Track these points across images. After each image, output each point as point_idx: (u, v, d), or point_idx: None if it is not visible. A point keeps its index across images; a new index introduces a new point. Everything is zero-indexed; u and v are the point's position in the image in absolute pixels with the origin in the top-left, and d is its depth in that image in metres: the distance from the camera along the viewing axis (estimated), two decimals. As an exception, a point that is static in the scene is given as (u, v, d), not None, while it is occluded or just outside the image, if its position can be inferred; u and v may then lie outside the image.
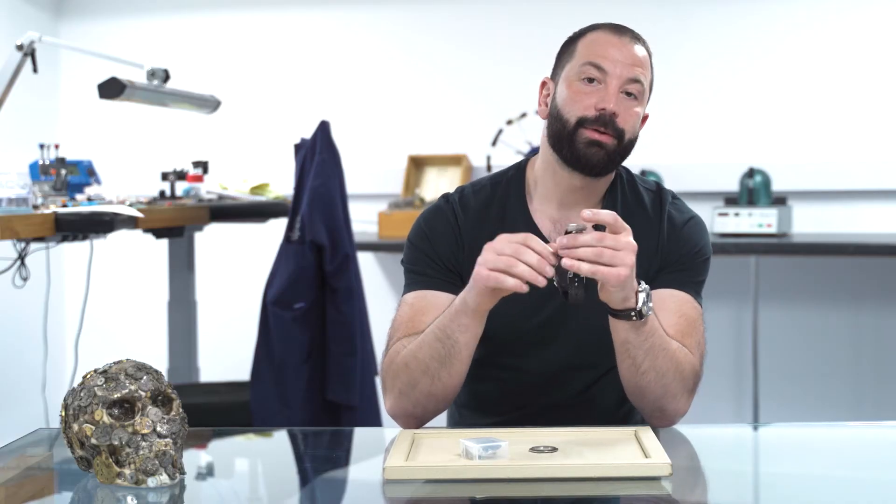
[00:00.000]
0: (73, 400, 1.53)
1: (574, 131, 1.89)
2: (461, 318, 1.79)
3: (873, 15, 4.31)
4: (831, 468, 1.71)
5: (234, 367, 4.34)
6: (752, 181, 4.19)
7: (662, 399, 1.85)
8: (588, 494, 1.53)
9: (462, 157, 4.63)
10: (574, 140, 1.89)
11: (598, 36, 1.93)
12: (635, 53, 1.91)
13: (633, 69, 1.90)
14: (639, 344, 1.79)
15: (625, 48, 1.91)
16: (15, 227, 2.88)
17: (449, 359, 1.82)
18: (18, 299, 3.94)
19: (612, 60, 1.89)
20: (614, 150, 1.90)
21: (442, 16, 4.74)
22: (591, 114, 1.88)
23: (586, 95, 1.89)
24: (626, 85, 1.89)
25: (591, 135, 1.88)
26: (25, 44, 3.35)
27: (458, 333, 1.80)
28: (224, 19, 4.97)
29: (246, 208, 3.90)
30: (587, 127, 1.88)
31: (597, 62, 1.90)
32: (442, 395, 1.86)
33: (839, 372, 4.38)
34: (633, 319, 1.75)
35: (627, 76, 1.89)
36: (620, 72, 1.89)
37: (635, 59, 1.91)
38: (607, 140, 1.88)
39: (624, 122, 1.89)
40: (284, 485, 1.70)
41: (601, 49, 1.91)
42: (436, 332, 1.82)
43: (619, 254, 1.67)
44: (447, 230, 1.99)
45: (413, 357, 1.84)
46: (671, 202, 2.02)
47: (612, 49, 1.90)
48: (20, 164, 3.66)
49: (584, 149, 1.89)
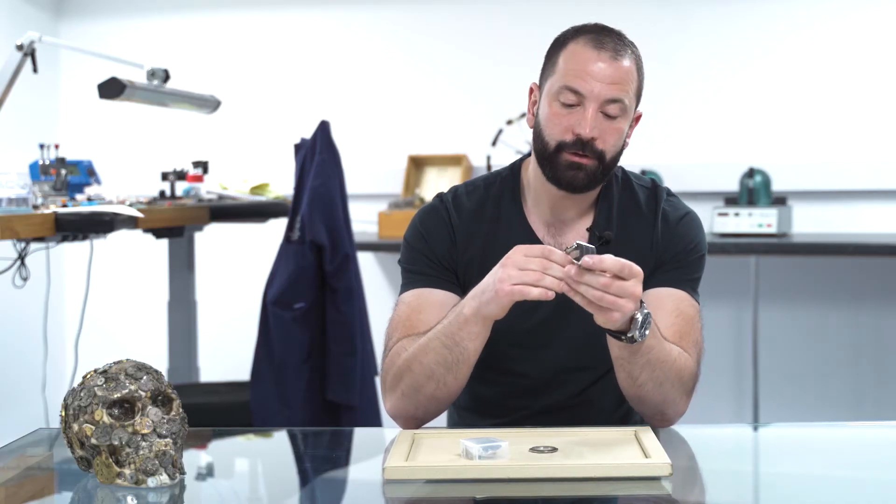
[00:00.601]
0: (73, 400, 1.53)
1: (554, 154, 1.89)
2: (471, 327, 1.79)
3: (873, 15, 4.31)
4: (831, 468, 1.71)
5: (234, 367, 4.34)
6: (752, 181, 4.19)
7: (662, 405, 1.85)
8: (588, 494, 1.53)
9: (462, 157, 4.63)
10: (555, 162, 1.89)
11: (577, 50, 1.88)
12: (614, 71, 1.86)
13: (611, 89, 1.86)
14: (633, 360, 1.79)
15: (603, 66, 1.86)
16: (15, 227, 2.88)
17: (457, 365, 1.82)
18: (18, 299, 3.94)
19: (590, 83, 1.85)
20: (595, 171, 1.89)
21: (442, 16, 4.74)
22: (568, 138, 1.87)
23: (564, 118, 1.88)
24: (605, 106, 1.87)
25: (571, 158, 1.88)
26: (25, 44, 3.35)
27: (468, 342, 1.80)
28: (224, 19, 4.97)
29: (246, 208, 3.90)
30: (566, 151, 1.88)
31: (573, 86, 1.86)
32: (445, 398, 1.87)
33: (839, 372, 4.38)
34: (623, 341, 1.75)
35: (605, 97, 1.86)
36: (598, 93, 1.85)
37: (614, 78, 1.86)
38: (587, 162, 1.88)
39: (603, 143, 1.88)
40: (284, 485, 1.70)
41: (579, 68, 1.86)
42: (442, 340, 1.82)
43: (619, 301, 1.65)
44: (442, 229, 1.99)
45: (417, 362, 1.84)
46: (666, 199, 2.01)
47: (591, 68, 1.86)
48: (20, 164, 3.66)
49: (565, 171, 1.89)
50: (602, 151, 1.88)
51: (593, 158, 1.88)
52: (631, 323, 1.72)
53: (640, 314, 1.72)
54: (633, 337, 1.73)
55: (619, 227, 1.97)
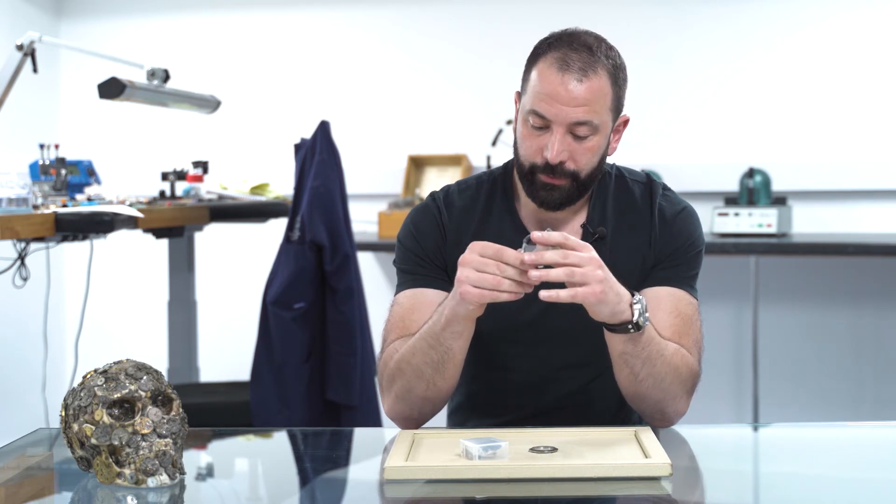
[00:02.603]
0: (73, 400, 1.53)
1: (529, 174, 1.90)
2: (453, 327, 1.79)
3: (873, 15, 4.31)
4: (831, 468, 1.71)
5: (234, 367, 4.34)
6: (752, 181, 4.19)
7: (662, 402, 1.85)
8: (588, 494, 1.53)
9: (462, 157, 4.63)
10: (530, 182, 1.90)
11: (544, 70, 1.85)
12: (580, 93, 1.83)
13: (576, 112, 1.84)
14: (636, 354, 1.79)
15: (568, 90, 1.83)
16: (15, 227, 2.88)
17: (443, 364, 1.83)
18: (18, 299, 3.94)
19: (554, 107, 1.84)
20: (570, 190, 1.89)
21: (442, 16, 4.74)
22: (539, 160, 1.88)
23: (535, 140, 1.87)
24: (573, 128, 1.85)
25: (544, 179, 1.88)
26: (25, 44, 3.35)
27: (451, 341, 1.81)
28: (224, 19, 4.97)
29: (246, 208, 3.90)
30: (539, 172, 1.88)
31: (539, 111, 1.85)
32: (438, 398, 1.88)
33: (839, 372, 4.38)
34: (630, 332, 1.75)
35: (571, 121, 1.84)
36: (564, 117, 1.84)
37: (579, 100, 1.83)
38: (560, 182, 1.88)
39: (575, 164, 1.87)
40: (284, 485, 1.70)
41: (545, 91, 1.84)
42: (428, 340, 1.82)
43: (585, 270, 1.66)
44: (433, 228, 2.00)
45: (406, 363, 1.85)
46: (662, 194, 2.00)
47: (555, 91, 1.83)
48: (20, 164, 3.66)
49: (539, 191, 1.90)
50: (575, 171, 1.88)
51: (566, 178, 1.88)
52: (632, 309, 1.73)
53: (637, 299, 1.74)
54: (638, 323, 1.74)
55: (614, 223, 1.97)
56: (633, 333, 1.76)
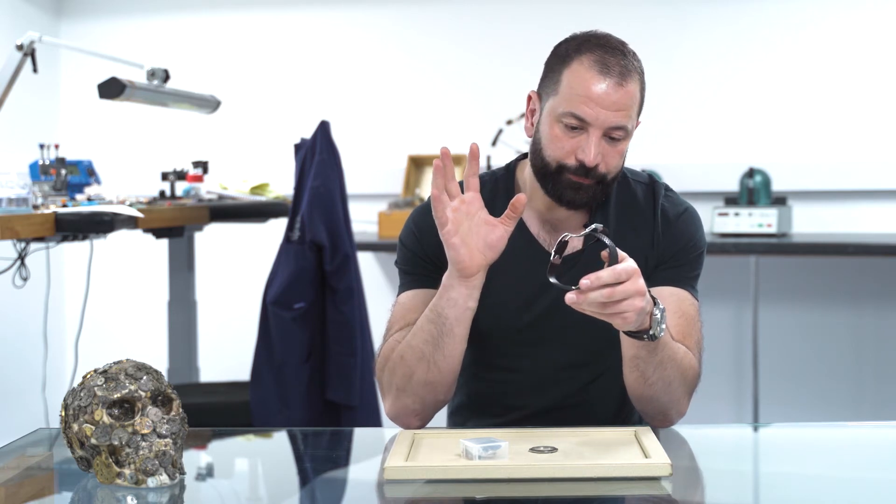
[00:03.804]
0: (73, 400, 1.53)
1: (556, 174, 1.89)
2: (449, 294, 1.81)
3: (873, 15, 4.31)
4: (831, 468, 1.71)
5: (234, 367, 4.34)
6: (752, 181, 4.19)
7: (667, 405, 1.85)
8: (588, 494, 1.53)
9: (462, 158, 4.62)
10: (556, 181, 1.89)
11: (582, 72, 1.85)
12: (620, 98, 1.84)
13: (616, 116, 1.84)
14: (650, 359, 1.79)
15: (609, 93, 1.83)
16: (15, 227, 2.88)
17: (441, 339, 1.83)
18: (18, 299, 3.94)
19: (595, 110, 1.84)
20: (596, 191, 1.89)
21: (442, 16, 4.74)
22: (571, 162, 1.87)
23: (568, 141, 1.87)
24: (609, 132, 1.86)
25: (573, 179, 1.88)
26: (25, 44, 3.35)
27: (448, 309, 1.81)
28: (224, 19, 4.97)
29: (246, 208, 3.90)
30: (568, 173, 1.88)
31: (578, 114, 1.84)
32: (440, 381, 1.86)
33: (839, 372, 4.38)
34: (644, 340, 1.74)
35: (611, 125, 1.85)
36: (603, 121, 1.84)
37: (619, 105, 1.84)
38: (589, 183, 1.88)
39: (606, 167, 1.88)
40: (284, 485, 1.70)
41: (584, 94, 1.84)
42: (427, 315, 1.84)
43: (626, 303, 1.61)
44: (434, 229, 1.99)
45: (407, 346, 1.86)
46: (664, 195, 2.01)
47: (595, 94, 1.83)
48: (20, 164, 3.66)
49: (565, 190, 1.89)
50: (604, 174, 1.88)
51: (595, 181, 1.88)
52: (650, 320, 1.71)
53: (657, 310, 1.71)
54: (655, 334, 1.72)
55: (616, 223, 1.97)
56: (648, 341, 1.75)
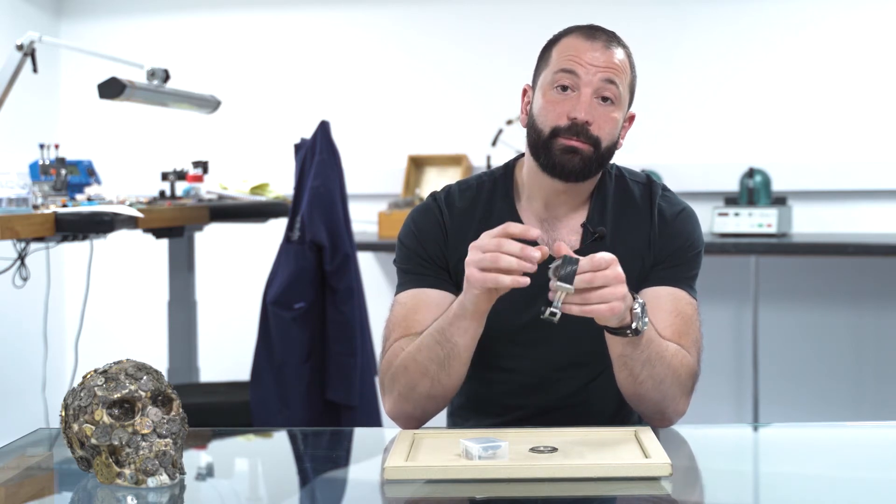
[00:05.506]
0: (73, 400, 1.53)
1: (549, 140, 1.89)
2: (460, 322, 1.80)
3: (873, 15, 4.31)
4: (831, 468, 1.71)
5: (234, 367, 4.34)
6: (752, 181, 4.19)
7: (661, 403, 1.85)
8: (588, 494, 1.53)
9: (462, 157, 4.63)
10: (550, 148, 1.89)
11: (570, 41, 1.92)
12: (608, 58, 1.89)
13: (606, 72, 1.88)
14: (636, 356, 1.79)
15: (598, 52, 1.89)
16: (15, 227, 2.88)
17: (448, 361, 1.83)
18: (18, 299, 3.94)
19: (585, 66, 1.88)
20: (590, 157, 1.89)
21: (442, 16, 4.74)
22: (563, 123, 1.88)
23: (559, 104, 1.89)
24: (601, 90, 1.88)
25: (566, 142, 1.88)
26: (25, 44, 3.35)
27: (458, 337, 1.81)
28: (224, 19, 4.97)
29: (246, 208, 3.90)
30: (561, 136, 1.88)
31: (569, 67, 1.88)
32: (441, 396, 1.87)
33: (839, 372, 4.38)
34: (628, 335, 1.75)
35: (601, 79, 1.88)
36: (593, 76, 1.88)
37: (609, 63, 1.89)
38: (582, 146, 1.88)
39: (598, 130, 1.88)
40: (284, 485, 1.70)
41: (573, 54, 1.89)
42: (435, 336, 1.83)
43: (606, 291, 1.66)
44: (435, 228, 2.00)
45: (412, 360, 1.85)
46: (661, 195, 2.01)
47: (585, 54, 1.89)
48: (20, 164, 3.66)
49: (560, 156, 1.89)
50: (597, 138, 1.89)
51: (588, 143, 1.88)
52: (631, 315, 1.73)
53: (637, 304, 1.74)
54: (637, 328, 1.74)
55: (613, 222, 1.97)
56: (632, 337, 1.76)
